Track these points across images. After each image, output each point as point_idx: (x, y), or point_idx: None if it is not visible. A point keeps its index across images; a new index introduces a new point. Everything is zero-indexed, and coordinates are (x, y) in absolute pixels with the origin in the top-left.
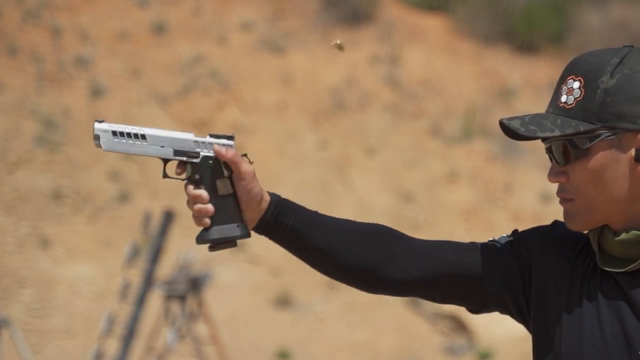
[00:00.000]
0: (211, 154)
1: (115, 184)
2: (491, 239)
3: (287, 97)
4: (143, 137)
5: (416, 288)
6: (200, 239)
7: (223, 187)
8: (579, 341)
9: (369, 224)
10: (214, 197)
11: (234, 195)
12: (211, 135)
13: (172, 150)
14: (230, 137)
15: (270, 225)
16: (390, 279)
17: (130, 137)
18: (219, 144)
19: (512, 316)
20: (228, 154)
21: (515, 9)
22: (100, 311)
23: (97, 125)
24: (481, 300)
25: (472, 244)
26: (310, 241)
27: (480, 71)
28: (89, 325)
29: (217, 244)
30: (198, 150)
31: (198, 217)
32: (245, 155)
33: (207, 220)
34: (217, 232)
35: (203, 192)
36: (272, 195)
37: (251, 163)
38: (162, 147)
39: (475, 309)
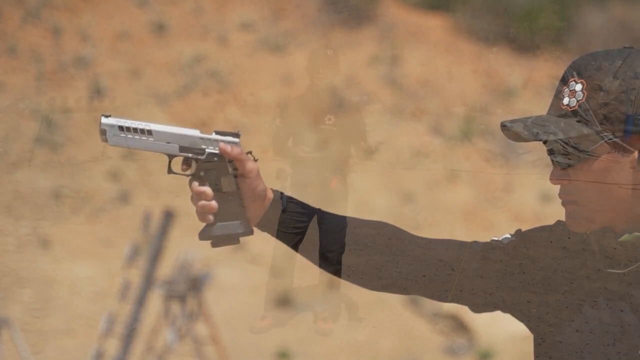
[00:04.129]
0: (216, 151)
1: (115, 184)
2: (494, 238)
3: (287, 97)
4: (149, 132)
5: (420, 286)
6: (203, 235)
7: (227, 184)
8: (579, 342)
9: (373, 221)
10: (218, 194)
11: (238, 193)
12: (217, 132)
13: (177, 146)
14: (236, 135)
15: (273, 222)
16: (394, 277)
17: (137, 132)
18: (224, 141)
19: (514, 315)
20: (234, 152)
21: (515, 9)
22: (100, 311)
23: (103, 119)
24: (483, 299)
25: (475, 243)
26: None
27: (480, 71)
28: (89, 325)
29: (219, 241)
30: (203, 146)
31: (202, 213)
32: (250, 152)
33: (210, 217)
34: (220, 228)
35: (207, 189)
36: (276, 192)
37: (256, 160)
38: (168, 143)
39: (477, 309)
